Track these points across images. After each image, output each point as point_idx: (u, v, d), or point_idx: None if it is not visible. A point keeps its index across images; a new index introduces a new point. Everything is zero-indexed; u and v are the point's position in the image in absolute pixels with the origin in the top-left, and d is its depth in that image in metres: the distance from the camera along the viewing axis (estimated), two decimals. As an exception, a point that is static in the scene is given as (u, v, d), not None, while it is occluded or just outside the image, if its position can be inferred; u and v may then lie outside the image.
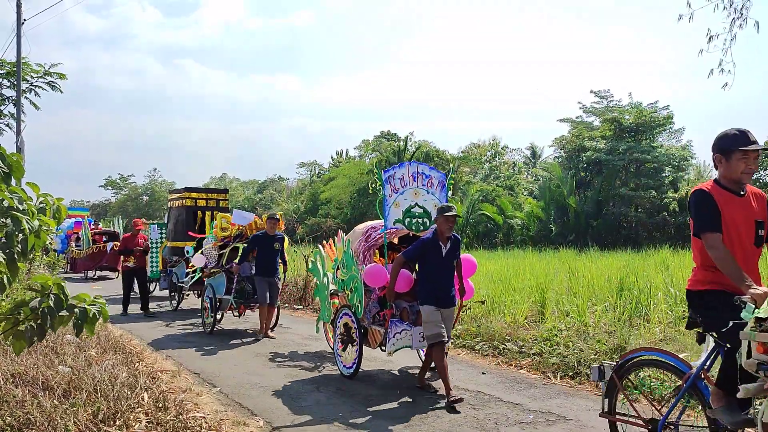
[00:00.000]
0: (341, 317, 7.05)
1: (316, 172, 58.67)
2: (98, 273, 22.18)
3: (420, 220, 6.75)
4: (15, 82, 18.31)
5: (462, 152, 47.25)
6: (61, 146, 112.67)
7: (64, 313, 2.73)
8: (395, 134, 48.39)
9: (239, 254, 10.37)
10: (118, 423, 4.57)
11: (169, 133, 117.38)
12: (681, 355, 3.92)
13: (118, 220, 25.56)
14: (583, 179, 33.62)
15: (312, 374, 7.14)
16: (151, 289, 14.54)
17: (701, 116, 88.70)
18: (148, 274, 13.62)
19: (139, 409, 4.93)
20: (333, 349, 7.42)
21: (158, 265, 14.56)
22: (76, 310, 2.72)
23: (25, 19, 19.17)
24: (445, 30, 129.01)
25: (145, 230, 14.66)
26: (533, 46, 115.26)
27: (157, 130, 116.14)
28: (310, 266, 8.05)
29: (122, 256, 12.16)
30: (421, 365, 6.79)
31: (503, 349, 7.79)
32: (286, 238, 10.45)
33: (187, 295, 14.05)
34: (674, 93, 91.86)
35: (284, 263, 9.93)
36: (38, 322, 2.71)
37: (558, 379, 6.68)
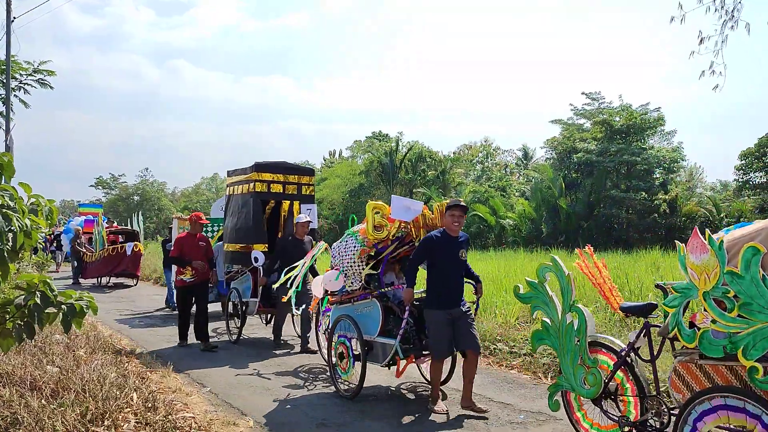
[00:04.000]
0: (714, 411, 3.51)
1: (308, 172, 58.45)
2: (112, 279, 18.76)
3: None
4: (4, 81, 18.20)
5: (454, 153, 47.35)
6: (52, 146, 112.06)
7: (51, 309, 2.70)
8: (387, 135, 48.36)
9: (394, 266, 6.72)
10: (106, 423, 4.54)
11: (162, 134, 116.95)
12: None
13: (138, 217, 22.06)
14: (574, 180, 33.74)
15: (301, 374, 7.12)
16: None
17: (693, 118, 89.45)
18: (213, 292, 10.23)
19: (128, 409, 4.90)
20: None
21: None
22: (64, 306, 2.70)
23: (14, 17, 19.05)
24: (438, 32, 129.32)
25: (184, 227, 11.17)
26: (526, 47, 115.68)
27: (150, 131, 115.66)
28: (523, 292, 4.87)
29: (177, 266, 8.82)
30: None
31: (494, 349, 7.80)
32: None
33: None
34: (665, 95, 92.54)
35: (477, 282, 6.01)
36: (25, 319, 2.69)
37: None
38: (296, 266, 7.37)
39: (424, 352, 6.01)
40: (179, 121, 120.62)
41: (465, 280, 5.88)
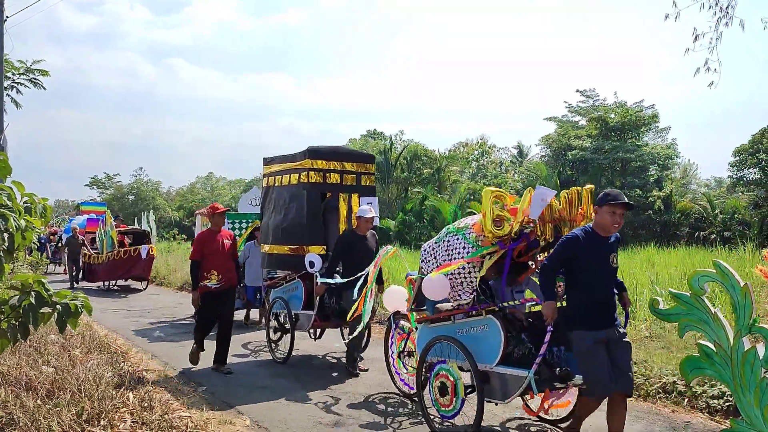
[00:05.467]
0: None
1: (303, 170, 58.25)
2: (119, 282, 17.40)
3: None
4: (-3, 80, 18.10)
5: (450, 151, 47.36)
6: (47, 145, 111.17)
7: (46, 309, 2.69)
8: (381, 132, 48.34)
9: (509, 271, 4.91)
10: (102, 423, 4.53)
11: (158, 133, 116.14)
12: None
13: (149, 215, 20.73)
14: (569, 178, 33.83)
15: (298, 373, 7.12)
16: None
17: (687, 115, 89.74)
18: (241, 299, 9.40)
19: (124, 408, 4.88)
20: None
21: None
22: (59, 306, 2.69)
23: (8, 16, 18.93)
24: (438, 32, 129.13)
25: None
26: (525, 47, 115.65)
27: (146, 130, 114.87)
28: (665, 307, 3.95)
29: (198, 270, 7.06)
30: None
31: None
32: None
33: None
34: (661, 93, 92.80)
35: (622, 290, 4.71)
36: (20, 320, 2.68)
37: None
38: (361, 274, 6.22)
39: (558, 384, 4.53)
40: (176, 119, 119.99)
41: None
